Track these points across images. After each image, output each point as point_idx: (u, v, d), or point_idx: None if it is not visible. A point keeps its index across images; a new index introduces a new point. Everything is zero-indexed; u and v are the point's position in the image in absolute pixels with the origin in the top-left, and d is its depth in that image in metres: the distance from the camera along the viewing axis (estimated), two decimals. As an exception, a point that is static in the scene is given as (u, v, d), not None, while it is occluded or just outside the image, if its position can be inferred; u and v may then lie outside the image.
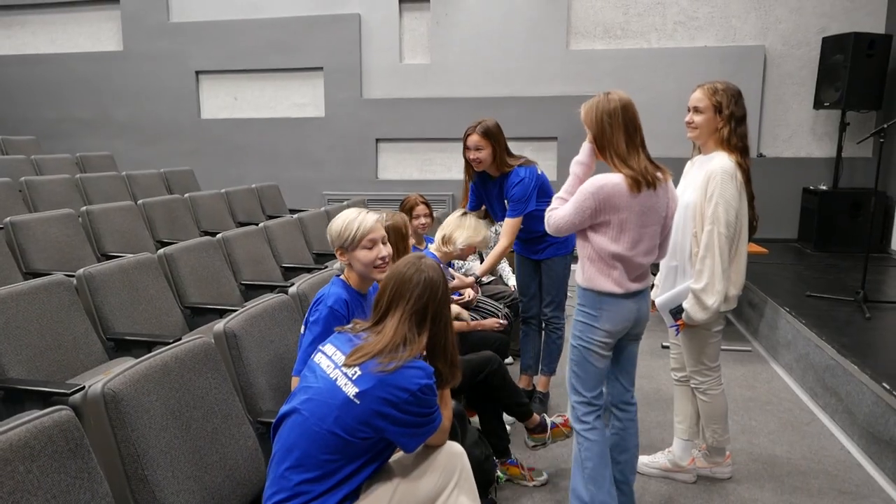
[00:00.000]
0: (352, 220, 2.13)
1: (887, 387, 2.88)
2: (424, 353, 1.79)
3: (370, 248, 2.11)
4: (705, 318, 2.45)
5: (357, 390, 1.64)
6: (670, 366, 2.86)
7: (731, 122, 2.41)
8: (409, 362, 1.67)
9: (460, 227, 3.03)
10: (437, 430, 1.76)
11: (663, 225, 2.25)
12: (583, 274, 2.21)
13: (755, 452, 3.05)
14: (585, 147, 2.25)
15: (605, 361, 2.24)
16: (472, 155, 3.21)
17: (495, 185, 3.32)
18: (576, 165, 2.24)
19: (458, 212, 3.14)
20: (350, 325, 1.86)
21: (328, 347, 1.80)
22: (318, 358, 1.79)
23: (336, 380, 1.68)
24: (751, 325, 4.81)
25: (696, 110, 2.47)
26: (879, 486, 2.75)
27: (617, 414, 2.37)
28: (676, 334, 2.69)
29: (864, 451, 3.02)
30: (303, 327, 2.19)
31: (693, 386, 2.71)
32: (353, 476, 1.69)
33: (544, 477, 2.77)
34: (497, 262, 3.36)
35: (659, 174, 2.18)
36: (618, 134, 2.12)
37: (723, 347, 2.69)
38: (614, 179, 2.10)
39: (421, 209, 3.42)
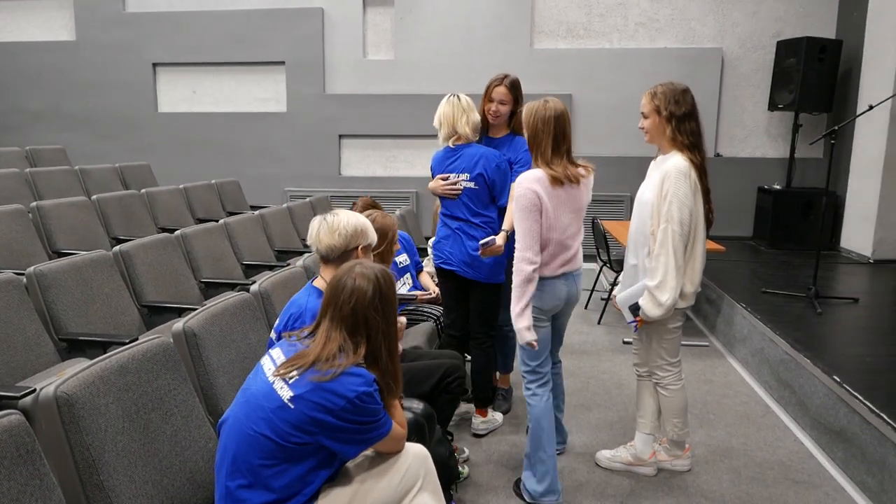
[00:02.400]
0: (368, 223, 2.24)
1: (838, 379, 2.98)
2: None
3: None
4: (660, 314, 2.51)
5: (292, 394, 1.61)
6: (633, 361, 2.91)
7: (671, 121, 2.48)
8: (349, 369, 1.64)
9: (451, 120, 3.03)
10: (387, 437, 1.71)
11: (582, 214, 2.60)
12: None
13: (713, 444, 3.12)
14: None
15: (543, 333, 2.56)
16: (493, 108, 3.06)
17: (490, 145, 3.14)
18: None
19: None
20: (297, 331, 1.84)
21: (275, 351, 1.77)
22: (264, 360, 1.76)
23: (273, 383, 1.65)
24: (708, 321, 4.93)
25: (643, 115, 2.58)
26: (830, 475, 2.85)
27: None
28: (635, 331, 2.76)
29: (816, 441, 3.13)
30: (273, 334, 2.15)
31: (654, 381, 2.77)
32: (300, 487, 1.63)
33: (466, 453, 2.95)
34: None
35: (581, 171, 2.53)
36: (546, 140, 2.44)
37: (683, 343, 2.75)
38: (537, 173, 2.44)
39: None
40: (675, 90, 2.49)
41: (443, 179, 3.06)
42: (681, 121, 2.48)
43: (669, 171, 2.45)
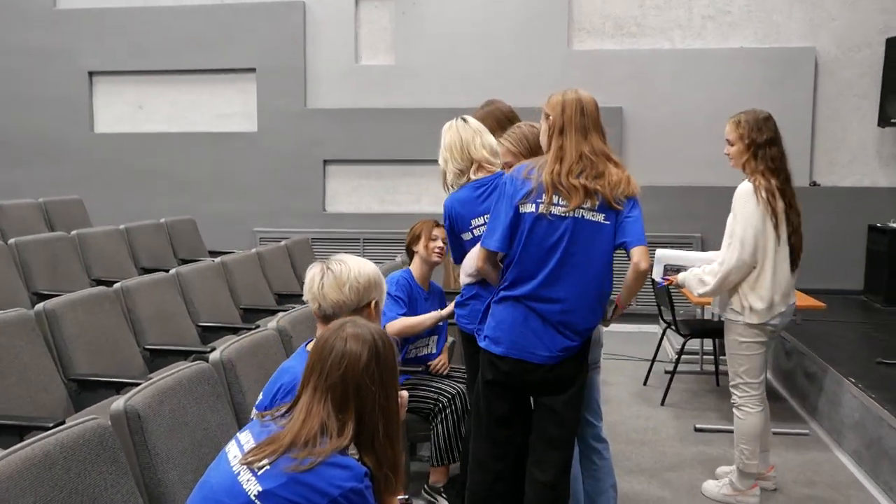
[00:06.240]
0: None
1: (981, 479, 2.94)
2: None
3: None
4: (700, 291, 3.41)
5: (260, 489, 1.61)
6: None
7: (751, 149, 3.31)
8: (333, 458, 1.63)
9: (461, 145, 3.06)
10: None
11: None
12: None
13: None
14: None
15: None
16: None
17: None
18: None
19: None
20: (272, 410, 1.86)
21: (244, 435, 1.79)
22: (230, 447, 1.78)
23: (238, 474, 1.66)
24: (807, 402, 4.88)
25: (728, 142, 3.42)
26: None
27: (590, 454, 3.00)
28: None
29: (956, 563, 3.07)
30: (255, 413, 2.18)
31: (731, 402, 3.43)
32: None
33: None
34: None
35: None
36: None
37: (774, 430, 2.75)
38: None
39: (439, 231, 3.61)
40: (757, 117, 3.33)
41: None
42: (760, 147, 3.30)
43: (737, 193, 3.34)
